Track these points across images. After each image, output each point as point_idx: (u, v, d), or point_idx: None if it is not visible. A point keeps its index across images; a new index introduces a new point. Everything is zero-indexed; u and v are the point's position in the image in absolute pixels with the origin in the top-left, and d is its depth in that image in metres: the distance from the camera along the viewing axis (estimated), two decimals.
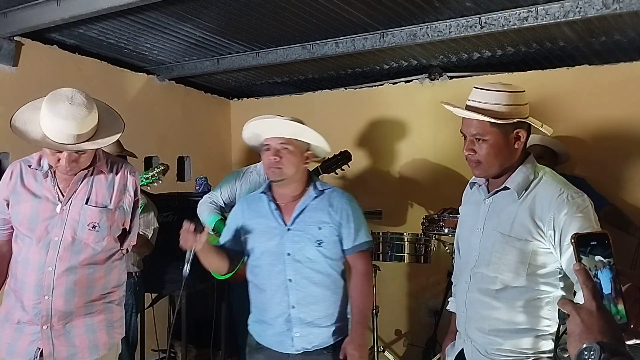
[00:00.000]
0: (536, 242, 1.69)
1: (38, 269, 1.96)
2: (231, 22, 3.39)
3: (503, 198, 1.80)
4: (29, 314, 1.96)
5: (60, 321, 1.97)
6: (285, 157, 2.08)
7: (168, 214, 3.57)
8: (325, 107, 4.74)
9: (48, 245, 1.96)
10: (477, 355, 1.83)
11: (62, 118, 1.82)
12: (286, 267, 2.08)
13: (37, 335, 1.96)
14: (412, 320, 4.41)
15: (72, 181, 2.01)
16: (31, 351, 1.95)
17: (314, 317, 2.09)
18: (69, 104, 1.84)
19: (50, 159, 1.95)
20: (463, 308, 1.88)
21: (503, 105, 1.74)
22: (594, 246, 0.99)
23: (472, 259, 1.85)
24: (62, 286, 1.96)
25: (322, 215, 2.12)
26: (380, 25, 3.44)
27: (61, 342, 1.98)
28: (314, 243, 2.09)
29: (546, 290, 1.71)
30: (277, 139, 2.10)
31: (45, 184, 2.01)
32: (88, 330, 2.02)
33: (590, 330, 0.91)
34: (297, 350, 2.09)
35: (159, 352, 3.97)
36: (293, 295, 2.08)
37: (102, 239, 2.03)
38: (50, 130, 1.85)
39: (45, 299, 1.95)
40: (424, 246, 3.54)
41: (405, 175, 4.47)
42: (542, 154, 3.47)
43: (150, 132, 4.33)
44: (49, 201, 1.99)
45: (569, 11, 2.97)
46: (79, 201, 2.01)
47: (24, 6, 3.07)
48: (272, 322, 2.11)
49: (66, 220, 1.98)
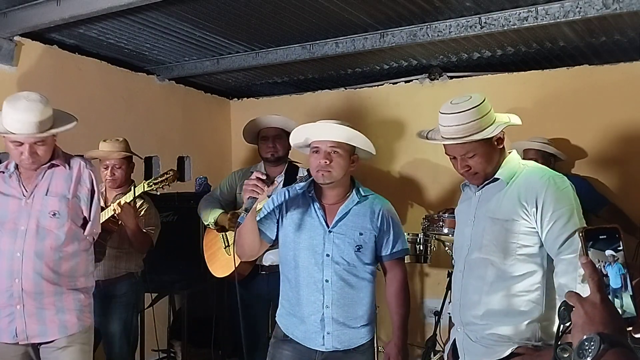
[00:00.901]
0: (522, 221, 1.80)
1: (8, 256, 2.21)
2: (231, 22, 3.39)
3: (492, 188, 1.92)
4: (3, 297, 2.21)
5: (32, 302, 2.21)
6: (335, 160, 2.11)
7: (168, 214, 3.58)
8: (325, 107, 4.74)
9: (16, 234, 2.22)
10: (467, 341, 1.91)
11: (21, 111, 2.12)
12: (324, 267, 2.13)
13: (12, 315, 2.21)
14: (412, 320, 4.38)
15: (33, 176, 2.28)
16: (12, 330, 2.21)
17: (346, 317, 2.15)
18: (26, 100, 2.15)
19: (13, 154, 2.22)
20: (458, 296, 1.96)
21: (476, 121, 1.86)
22: (604, 240, 1.00)
23: (465, 248, 1.95)
24: (30, 270, 2.21)
25: (364, 221, 2.18)
26: (380, 25, 3.44)
27: (33, 321, 2.22)
28: (354, 247, 2.15)
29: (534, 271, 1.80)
30: (327, 142, 2.12)
31: (12, 183, 2.29)
32: (59, 311, 2.26)
33: (592, 321, 0.92)
34: (327, 348, 2.15)
35: (159, 352, 3.96)
36: (328, 296, 2.13)
37: (63, 225, 2.27)
38: (12, 123, 2.13)
39: (16, 282, 2.20)
40: (424, 246, 3.54)
41: (405, 175, 4.47)
42: (536, 157, 3.44)
43: (150, 132, 4.33)
44: (15, 197, 2.27)
45: (569, 11, 2.97)
46: (41, 193, 2.28)
47: (24, 6, 3.07)
48: (305, 318, 2.16)
49: (31, 211, 2.25)
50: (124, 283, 3.10)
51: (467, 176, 1.95)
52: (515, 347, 1.79)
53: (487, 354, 1.84)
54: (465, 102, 1.88)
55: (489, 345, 1.83)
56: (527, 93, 3.99)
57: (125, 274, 3.11)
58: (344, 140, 2.12)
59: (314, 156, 2.13)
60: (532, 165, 1.94)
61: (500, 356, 1.81)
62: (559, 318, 1.01)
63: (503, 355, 1.81)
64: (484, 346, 1.85)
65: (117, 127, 4.01)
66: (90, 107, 3.86)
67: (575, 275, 1.64)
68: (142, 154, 3.38)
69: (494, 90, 3.78)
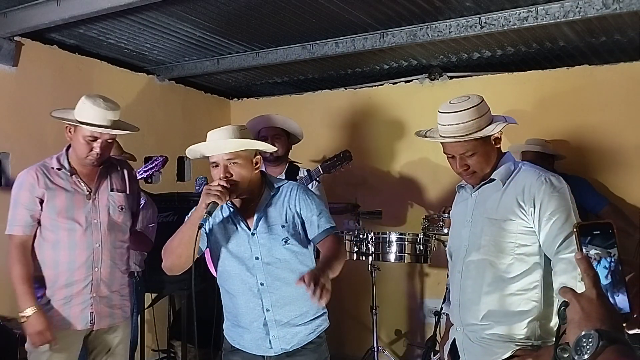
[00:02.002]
0: (520, 220, 1.81)
1: (87, 247, 2.37)
2: (231, 22, 3.39)
3: (488, 189, 1.92)
4: (79, 286, 2.36)
5: (105, 289, 2.42)
6: (235, 171, 2.02)
7: (168, 214, 3.56)
8: (325, 107, 4.74)
9: (91, 227, 2.39)
10: (467, 342, 1.91)
11: (102, 108, 2.31)
12: (256, 271, 2.06)
13: (87, 302, 2.37)
14: (412, 320, 4.41)
15: (92, 173, 2.44)
16: (86, 316, 2.38)
17: (290, 317, 2.07)
18: (104, 100, 2.35)
19: (83, 149, 2.34)
20: (457, 297, 1.96)
21: (475, 120, 1.87)
22: (597, 235, 0.99)
23: (462, 249, 1.95)
24: (107, 259, 2.42)
25: (282, 213, 2.09)
26: (380, 25, 3.44)
27: (104, 307, 2.42)
28: (281, 242, 2.06)
29: (532, 270, 1.81)
30: (222, 155, 2.02)
31: (71, 179, 2.40)
32: (121, 298, 2.50)
33: (589, 317, 0.91)
34: (276, 352, 2.07)
35: (159, 352, 3.97)
36: (266, 299, 2.06)
37: (128, 219, 2.54)
38: (93, 117, 2.30)
39: (95, 271, 2.39)
40: (424, 246, 3.53)
41: (405, 175, 4.47)
42: (534, 159, 3.44)
43: (150, 132, 4.32)
44: (79, 193, 2.40)
45: (569, 11, 2.97)
46: (105, 189, 2.47)
47: (24, 6, 3.07)
48: (248, 326, 2.09)
49: (99, 205, 2.43)
50: None
51: (465, 175, 1.95)
52: (516, 349, 1.80)
53: (486, 355, 1.84)
54: (464, 101, 1.89)
55: (489, 345, 1.84)
56: (526, 93, 3.99)
57: None
58: (239, 148, 2.03)
59: (215, 170, 2.04)
60: (527, 166, 1.94)
61: (500, 357, 1.81)
62: (559, 318, 1.00)
63: (503, 356, 1.81)
64: (483, 347, 1.85)
65: None
66: None
67: (574, 274, 1.64)
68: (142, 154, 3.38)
69: (494, 91, 3.77)
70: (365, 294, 3.84)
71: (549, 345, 1.74)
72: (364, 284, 3.85)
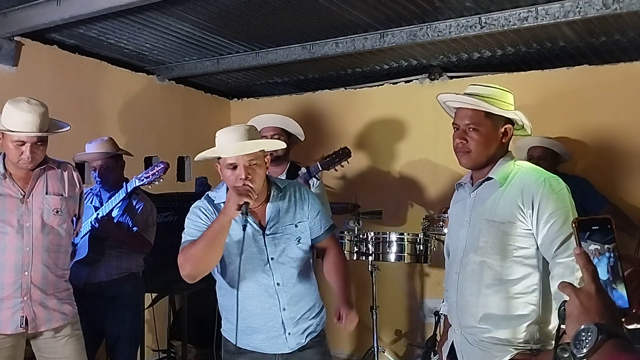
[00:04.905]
0: (519, 222, 1.78)
1: (17, 251, 2.35)
2: (231, 22, 3.39)
3: (487, 188, 1.90)
4: (9, 289, 2.33)
5: (38, 292, 2.38)
6: (256, 172, 2.01)
7: (168, 214, 3.57)
8: (325, 107, 4.74)
9: (22, 231, 2.37)
10: (465, 344, 1.89)
11: (25, 112, 2.29)
12: (273, 271, 2.06)
13: (18, 306, 2.34)
14: (412, 320, 4.41)
15: (27, 177, 2.43)
16: (16, 320, 2.34)
17: (302, 312, 2.11)
18: (28, 103, 2.31)
19: (13, 154, 2.34)
20: (454, 299, 1.93)
21: (497, 100, 1.87)
22: (596, 231, 0.99)
23: (460, 250, 1.93)
24: (39, 263, 2.39)
25: (295, 212, 2.13)
26: (380, 25, 3.44)
27: (40, 310, 2.39)
28: (295, 242, 2.10)
29: (531, 273, 1.79)
30: (243, 156, 1.99)
31: (6, 183, 2.40)
32: (58, 302, 2.46)
33: (588, 312, 0.91)
34: (292, 348, 2.09)
35: (159, 352, 3.96)
36: (283, 298, 2.07)
37: (64, 222, 2.49)
38: (16, 123, 2.28)
39: (25, 275, 2.36)
40: (424, 246, 3.53)
41: (405, 175, 4.47)
42: (543, 155, 3.47)
43: (150, 132, 4.33)
44: (12, 197, 2.39)
45: (569, 11, 2.97)
46: (40, 192, 2.44)
47: (24, 6, 3.07)
48: (261, 327, 2.09)
49: (32, 209, 2.40)
50: (127, 284, 3.08)
51: (459, 151, 1.90)
52: (514, 353, 1.77)
53: (485, 358, 1.82)
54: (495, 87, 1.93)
55: (488, 349, 1.82)
56: (527, 93, 3.98)
57: (128, 274, 3.09)
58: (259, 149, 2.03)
59: (231, 172, 2.00)
60: (527, 166, 1.92)
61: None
62: (559, 318, 1.00)
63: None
64: (482, 350, 1.83)
65: (117, 127, 4.01)
66: (90, 107, 3.86)
67: (572, 278, 1.61)
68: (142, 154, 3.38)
69: None
70: (366, 294, 3.84)
71: (548, 349, 1.73)
72: (364, 284, 3.85)
